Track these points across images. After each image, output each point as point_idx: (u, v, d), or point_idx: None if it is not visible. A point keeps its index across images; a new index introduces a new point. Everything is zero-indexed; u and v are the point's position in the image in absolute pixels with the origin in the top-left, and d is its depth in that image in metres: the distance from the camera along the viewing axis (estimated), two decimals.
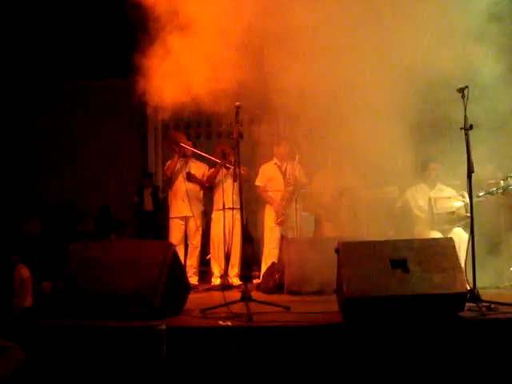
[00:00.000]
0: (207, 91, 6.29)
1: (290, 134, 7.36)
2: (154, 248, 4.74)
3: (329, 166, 7.52)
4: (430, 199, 6.36)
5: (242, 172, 7.02)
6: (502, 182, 6.24)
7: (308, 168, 7.47)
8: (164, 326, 3.78)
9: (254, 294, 5.98)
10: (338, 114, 5.98)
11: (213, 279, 7.26)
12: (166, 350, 3.74)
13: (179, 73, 6.17)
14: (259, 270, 7.22)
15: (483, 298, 4.53)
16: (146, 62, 5.76)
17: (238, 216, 6.63)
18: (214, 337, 3.93)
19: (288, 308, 4.67)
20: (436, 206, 6.26)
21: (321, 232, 7.50)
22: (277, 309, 4.69)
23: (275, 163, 7.45)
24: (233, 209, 6.84)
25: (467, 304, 4.32)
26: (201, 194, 7.56)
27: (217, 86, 5.86)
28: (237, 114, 4.97)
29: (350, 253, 4.15)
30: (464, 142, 4.62)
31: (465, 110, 4.63)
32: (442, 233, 6.20)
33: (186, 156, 7.44)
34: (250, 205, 7.75)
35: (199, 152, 7.50)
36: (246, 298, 4.55)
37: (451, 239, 4.38)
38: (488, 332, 3.94)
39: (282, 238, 7.17)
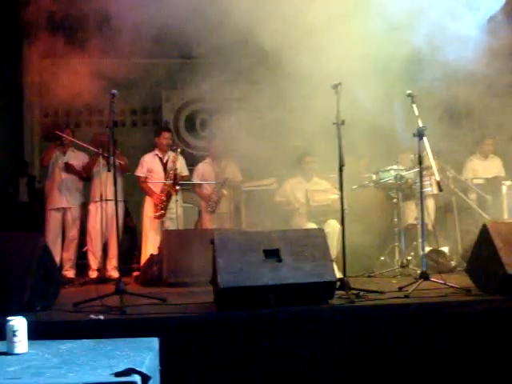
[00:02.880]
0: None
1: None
2: (23, 240, 4.52)
3: (210, 158, 7.59)
4: (306, 192, 6.56)
5: (120, 162, 6.95)
6: (374, 175, 6.54)
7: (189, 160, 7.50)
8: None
9: (132, 287, 5.96)
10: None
11: (90, 272, 7.05)
12: None
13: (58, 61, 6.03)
14: (139, 263, 7.12)
15: (354, 286, 4.76)
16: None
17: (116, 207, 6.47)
18: (85, 331, 3.82)
19: (164, 300, 4.63)
20: (312, 198, 6.47)
21: (201, 223, 7.52)
22: (153, 301, 4.65)
23: (156, 154, 7.36)
24: (111, 200, 6.67)
25: (338, 292, 4.51)
26: (79, 184, 7.32)
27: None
28: (111, 102, 4.82)
29: (225, 243, 4.18)
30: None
31: (337, 105, 4.81)
32: (318, 224, 6.40)
33: (63, 145, 7.17)
34: (133, 196, 7.63)
35: (76, 141, 7.25)
36: (120, 290, 4.46)
37: (322, 230, 4.54)
38: (356, 318, 4.12)
39: (162, 229, 7.10)
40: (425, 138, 4.89)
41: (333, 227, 6.28)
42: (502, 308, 4.26)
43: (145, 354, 2.50)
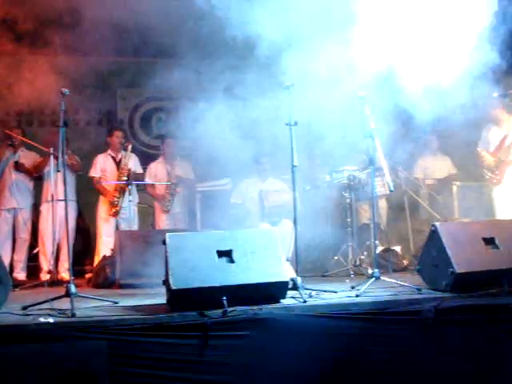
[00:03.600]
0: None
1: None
2: None
3: (162, 157, 7.55)
4: (261, 192, 6.58)
5: (72, 162, 6.85)
6: (327, 176, 6.61)
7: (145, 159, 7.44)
8: None
9: (85, 289, 5.87)
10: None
11: (41, 275, 6.92)
12: None
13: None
14: (92, 264, 7.03)
15: (307, 285, 4.79)
16: None
17: (68, 208, 6.37)
18: (33, 334, 3.74)
19: (116, 302, 4.58)
20: (267, 198, 6.49)
21: (156, 224, 7.47)
22: (104, 303, 4.59)
23: (109, 154, 7.28)
24: (62, 200, 6.54)
25: (290, 292, 4.53)
26: (30, 185, 7.19)
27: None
28: (62, 101, 4.74)
29: (177, 244, 4.15)
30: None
31: (290, 106, 4.84)
32: (273, 224, 6.44)
33: (13, 145, 7.02)
34: (86, 196, 7.53)
35: (27, 140, 7.10)
36: (70, 293, 4.38)
37: (275, 230, 4.55)
38: (307, 317, 4.14)
39: (116, 230, 7.03)
40: (376, 139, 4.96)
41: (287, 227, 6.30)
42: (451, 306, 4.34)
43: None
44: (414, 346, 4.18)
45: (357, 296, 4.53)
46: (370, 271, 5.34)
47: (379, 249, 6.66)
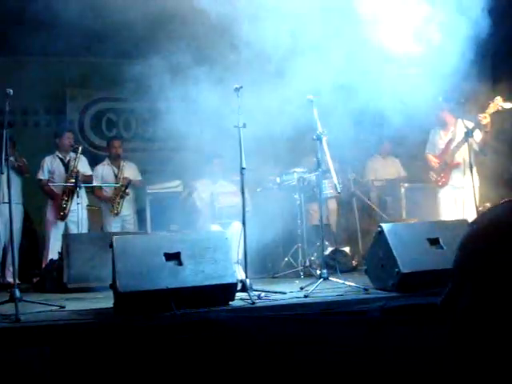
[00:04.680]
0: None
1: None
2: None
3: (109, 159, 7.46)
4: (212, 193, 6.57)
5: (19, 164, 6.70)
6: (278, 178, 6.66)
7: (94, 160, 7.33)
8: None
9: (31, 294, 5.74)
10: None
11: None
12: None
13: None
14: (40, 268, 6.88)
15: (257, 287, 4.82)
16: None
17: (14, 211, 6.23)
18: None
19: (63, 306, 4.50)
20: (217, 200, 6.50)
21: (105, 227, 7.38)
22: (50, 308, 4.50)
23: (57, 155, 7.15)
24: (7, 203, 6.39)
25: (239, 294, 4.55)
26: None
27: None
28: (7, 101, 4.63)
29: (124, 247, 4.12)
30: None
31: (238, 109, 4.85)
32: (223, 226, 6.45)
33: None
34: (34, 199, 7.37)
35: None
36: (14, 297, 4.29)
37: (224, 232, 4.58)
38: (255, 319, 4.16)
39: (64, 233, 6.90)
40: (324, 142, 5.02)
41: (237, 229, 6.31)
42: (397, 305, 4.42)
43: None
44: (361, 345, 4.24)
45: (305, 297, 4.58)
46: (318, 272, 5.40)
47: (329, 250, 6.75)
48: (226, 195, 6.65)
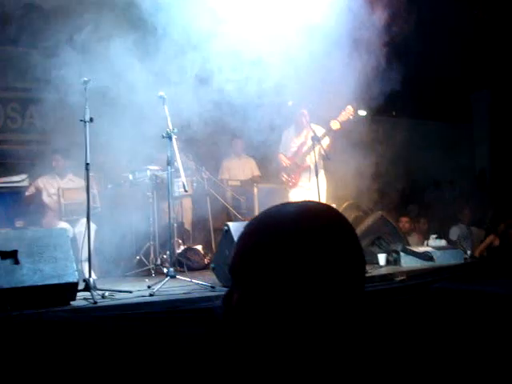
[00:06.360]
0: None
1: None
2: None
3: None
4: (58, 189, 6.31)
5: None
6: (130, 175, 6.55)
7: None
8: None
9: None
10: None
11: None
12: None
13: None
14: None
15: (106, 286, 4.71)
16: None
17: None
18: None
19: None
20: (64, 196, 6.25)
21: None
22: None
23: None
24: None
25: (83, 293, 4.41)
26: None
27: None
28: None
29: None
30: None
31: (86, 102, 4.71)
32: (71, 223, 6.22)
33: None
34: None
35: None
36: None
37: (65, 230, 4.42)
38: (96, 319, 4.06)
39: None
40: (174, 140, 5.01)
41: (85, 226, 6.13)
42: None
43: None
44: (208, 343, 4.27)
45: (150, 295, 4.55)
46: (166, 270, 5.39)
47: (181, 248, 6.76)
48: (73, 191, 6.38)
